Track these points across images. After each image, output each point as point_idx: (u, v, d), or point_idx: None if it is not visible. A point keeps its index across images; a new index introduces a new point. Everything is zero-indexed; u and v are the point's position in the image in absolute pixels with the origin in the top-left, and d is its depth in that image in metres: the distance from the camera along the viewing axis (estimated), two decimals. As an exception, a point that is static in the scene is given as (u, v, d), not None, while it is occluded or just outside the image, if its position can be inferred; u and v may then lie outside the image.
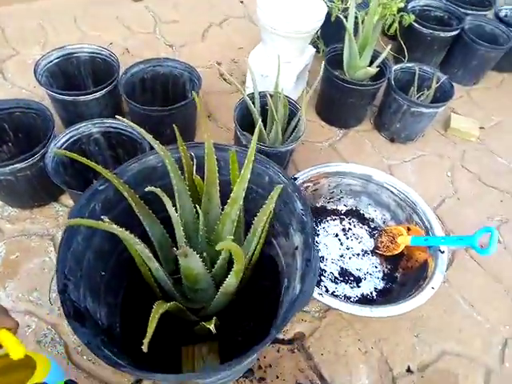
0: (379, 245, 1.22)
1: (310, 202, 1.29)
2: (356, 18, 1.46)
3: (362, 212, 1.32)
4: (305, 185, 1.23)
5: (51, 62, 1.31)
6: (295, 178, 1.20)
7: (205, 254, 0.80)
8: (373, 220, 1.30)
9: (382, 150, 1.53)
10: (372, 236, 1.27)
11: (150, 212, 0.82)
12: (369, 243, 1.26)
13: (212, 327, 0.65)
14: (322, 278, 1.16)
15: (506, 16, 1.92)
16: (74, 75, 1.39)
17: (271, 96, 1.25)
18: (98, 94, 1.24)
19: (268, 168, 0.87)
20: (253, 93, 1.28)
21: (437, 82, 1.46)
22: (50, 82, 1.31)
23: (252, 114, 1.26)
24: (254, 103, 1.29)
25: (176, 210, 0.79)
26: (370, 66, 1.48)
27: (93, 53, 1.37)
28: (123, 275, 0.89)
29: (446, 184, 1.46)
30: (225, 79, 1.73)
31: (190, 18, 2.01)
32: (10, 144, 1.22)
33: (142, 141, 1.11)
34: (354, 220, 1.31)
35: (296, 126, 1.26)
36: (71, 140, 1.10)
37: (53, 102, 1.29)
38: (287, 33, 1.36)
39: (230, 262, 0.77)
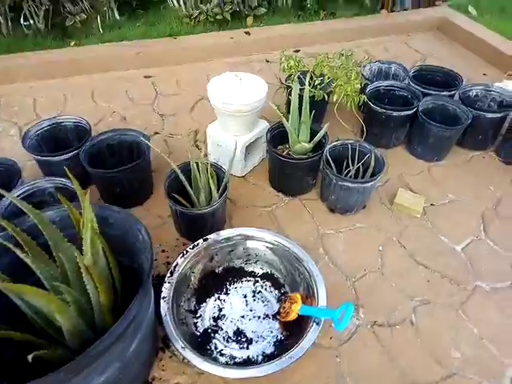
0: (281, 310, 1.27)
1: (228, 261, 1.40)
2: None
3: (276, 276, 1.38)
4: (218, 245, 1.36)
5: (42, 128, 1.65)
6: (206, 239, 1.33)
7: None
8: (284, 285, 1.36)
9: (320, 219, 1.60)
10: (279, 301, 1.32)
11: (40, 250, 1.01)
12: (275, 307, 1.31)
13: (29, 357, 0.79)
14: (216, 335, 1.23)
15: (476, 96, 1.94)
16: (62, 139, 1.72)
17: (197, 165, 1.43)
18: (66, 156, 1.53)
19: (140, 227, 1.05)
20: (188, 162, 1.47)
21: (374, 159, 1.54)
22: (39, 145, 1.64)
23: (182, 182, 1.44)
24: (190, 171, 1.47)
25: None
26: (310, 141, 1.61)
27: (76, 122, 1.70)
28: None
29: (375, 258, 1.47)
30: (197, 146, 1.96)
31: (187, 92, 2.33)
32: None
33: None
34: (268, 283, 1.37)
35: (224, 190, 1.43)
36: (28, 192, 1.38)
37: (35, 160, 1.61)
38: (232, 112, 1.57)
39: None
